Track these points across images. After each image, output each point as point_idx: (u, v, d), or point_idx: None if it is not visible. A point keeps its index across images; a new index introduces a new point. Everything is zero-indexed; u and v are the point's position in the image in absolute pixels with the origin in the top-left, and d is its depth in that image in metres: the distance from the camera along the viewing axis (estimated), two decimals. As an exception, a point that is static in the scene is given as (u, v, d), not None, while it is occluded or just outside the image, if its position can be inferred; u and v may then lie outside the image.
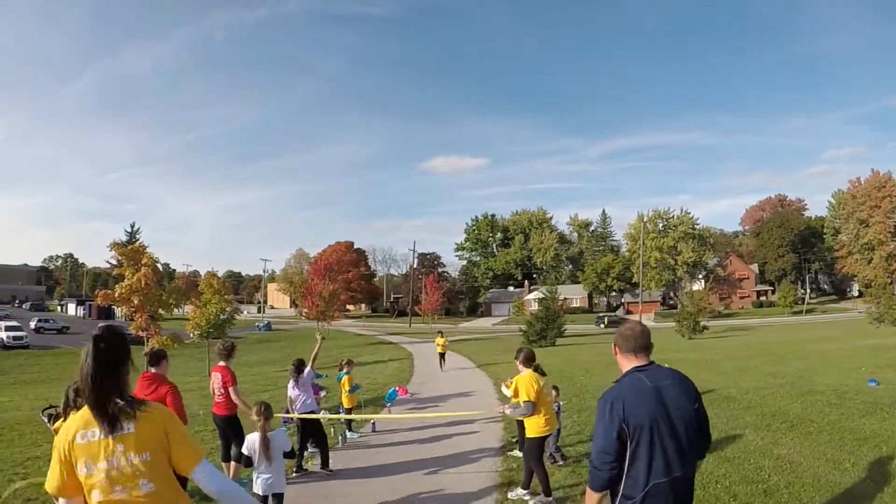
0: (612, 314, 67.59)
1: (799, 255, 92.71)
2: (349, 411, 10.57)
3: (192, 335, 26.96)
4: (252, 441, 5.19)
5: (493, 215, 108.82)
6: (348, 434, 10.01)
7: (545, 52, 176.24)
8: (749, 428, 8.42)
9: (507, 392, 8.62)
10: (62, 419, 4.66)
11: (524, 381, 6.32)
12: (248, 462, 5.19)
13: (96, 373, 2.23)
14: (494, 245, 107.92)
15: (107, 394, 2.24)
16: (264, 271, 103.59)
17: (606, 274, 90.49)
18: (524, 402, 6.22)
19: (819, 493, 5.64)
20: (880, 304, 36.03)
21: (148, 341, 15.17)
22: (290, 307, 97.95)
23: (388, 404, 12.85)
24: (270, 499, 5.16)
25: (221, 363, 7.27)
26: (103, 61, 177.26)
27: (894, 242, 72.35)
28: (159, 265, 14.83)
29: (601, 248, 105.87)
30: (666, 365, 3.12)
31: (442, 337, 24.50)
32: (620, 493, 2.84)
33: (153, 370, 6.00)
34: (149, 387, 5.81)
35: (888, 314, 34.59)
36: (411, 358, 28.73)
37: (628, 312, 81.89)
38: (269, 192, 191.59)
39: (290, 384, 8.40)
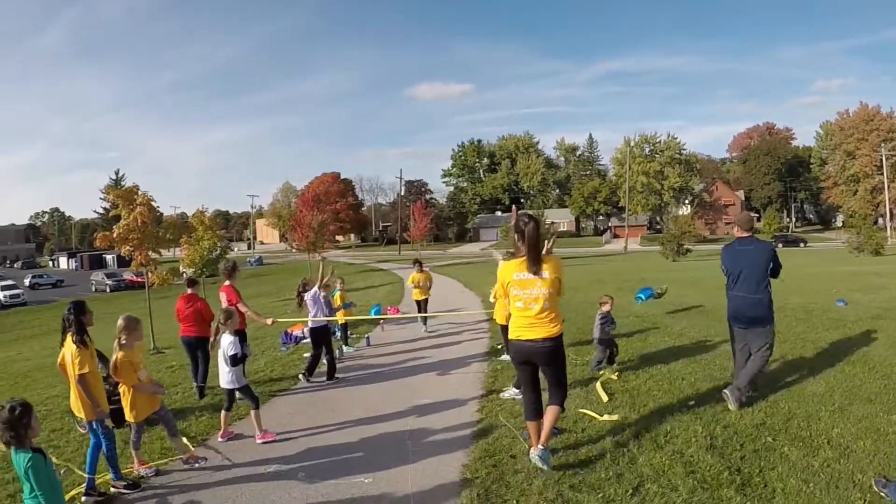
0: (785, 235, 67.44)
1: (785, 183, 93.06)
2: (344, 326, 11.17)
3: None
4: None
5: (479, 141, 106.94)
6: (345, 349, 10.65)
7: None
8: (720, 336, 8.73)
9: (492, 300, 9.18)
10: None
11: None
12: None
13: (534, 239, 4.40)
14: (481, 170, 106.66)
15: (537, 252, 4.41)
16: (252, 207, 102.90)
17: (593, 198, 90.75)
18: None
19: (772, 390, 6.15)
20: (860, 235, 37.05)
21: (148, 277, 15.66)
22: (280, 241, 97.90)
23: (382, 322, 13.67)
24: (236, 393, 6.13)
25: (226, 283, 7.95)
26: (73, 6, 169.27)
27: (879, 176, 72.57)
28: (154, 203, 14.98)
29: (588, 172, 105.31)
30: (751, 246, 5.93)
31: (421, 272, 13.38)
32: None
33: (189, 291, 8.14)
34: (189, 301, 7.96)
35: (867, 244, 35.63)
36: (402, 282, 29.33)
37: (615, 236, 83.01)
38: (253, 128, 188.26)
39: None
